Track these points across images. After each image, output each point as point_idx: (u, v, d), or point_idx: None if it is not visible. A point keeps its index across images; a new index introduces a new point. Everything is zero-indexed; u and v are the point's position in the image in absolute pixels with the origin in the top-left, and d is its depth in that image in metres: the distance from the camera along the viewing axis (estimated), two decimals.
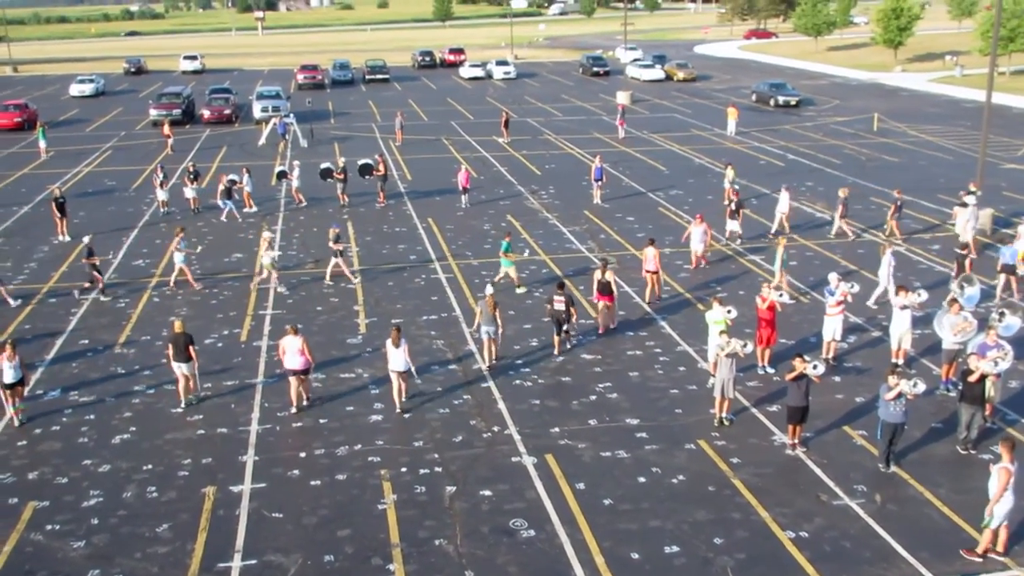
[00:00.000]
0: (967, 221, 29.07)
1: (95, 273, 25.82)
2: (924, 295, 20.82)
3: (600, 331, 22.78)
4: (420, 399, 19.19)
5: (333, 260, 26.72)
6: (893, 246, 25.31)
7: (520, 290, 25.36)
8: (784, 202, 30.77)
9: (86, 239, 26.19)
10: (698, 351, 21.34)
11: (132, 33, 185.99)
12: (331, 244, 26.70)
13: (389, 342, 18.56)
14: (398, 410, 18.66)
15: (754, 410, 18.65)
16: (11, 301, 24.90)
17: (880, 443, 16.28)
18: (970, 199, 29.58)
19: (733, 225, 29.89)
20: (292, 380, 18.77)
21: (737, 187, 34.17)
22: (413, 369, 18.89)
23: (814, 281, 25.94)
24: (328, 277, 26.75)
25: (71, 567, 13.73)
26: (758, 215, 32.62)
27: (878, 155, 45.76)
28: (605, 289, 22.50)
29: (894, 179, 39.24)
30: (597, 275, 22.80)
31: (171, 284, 26.36)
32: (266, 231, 27.48)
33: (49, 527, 14.76)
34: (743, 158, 44.59)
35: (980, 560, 13.66)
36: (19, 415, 18.45)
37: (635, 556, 13.88)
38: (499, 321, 20.70)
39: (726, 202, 30.91)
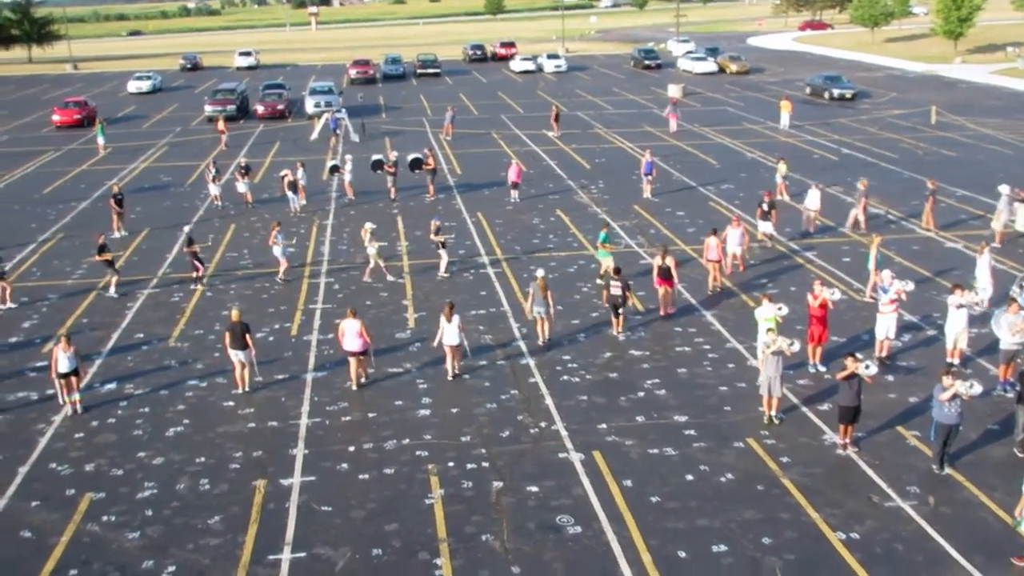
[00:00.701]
0: (999, 212, 28.76)
1: (195, 262, 26.36)
2: (985, 294, 20.43)
3: (661, 312, 23.38)
4: (468, 394, 19.27)
5: (441, 252, 26.88)
6: (990, 245, 24.80)
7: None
8: (814, 199, 30.06)
9: (186, 229, 27.00)
10: (748, 348, 21.12)
11: (135, 33, 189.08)
12: (433, 236, 26.94)
13: (443, 317, 19.55)
14: (450, 378, 19.83)
15: (804, 409, 18.42)
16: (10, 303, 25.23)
17: (934, 444, 15.98)
18: (1003, 188, 29.16)
19: (766, 227, 28.81)
20: (351, 360, 19.54)
21: (788, 182, 33.74)
22: (466, 344, 20.00)
23: (867, 278, 25.48)
24: (443, 270, 26.95)
25: (126, 558, 14.03)
26: (825, 214, 32.08)
27: (935, 149, 44.85)
28: (666, 274, 23.01)
29: (951, 174, 38.46)
30: (657, 260, 23.28)
31: (280, 276, 26.76)
32: (368, 223, 27.77)
33: (105, 518, 15.09)
34: (796, 152, 43.99)
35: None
36: (77, 404, 18.91)
37: (682, 555, 13.80)
38: (550, 301, 21.36)
39: (762, 203, 29.32)
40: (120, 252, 29.09)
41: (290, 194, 34.51)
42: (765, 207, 28.70)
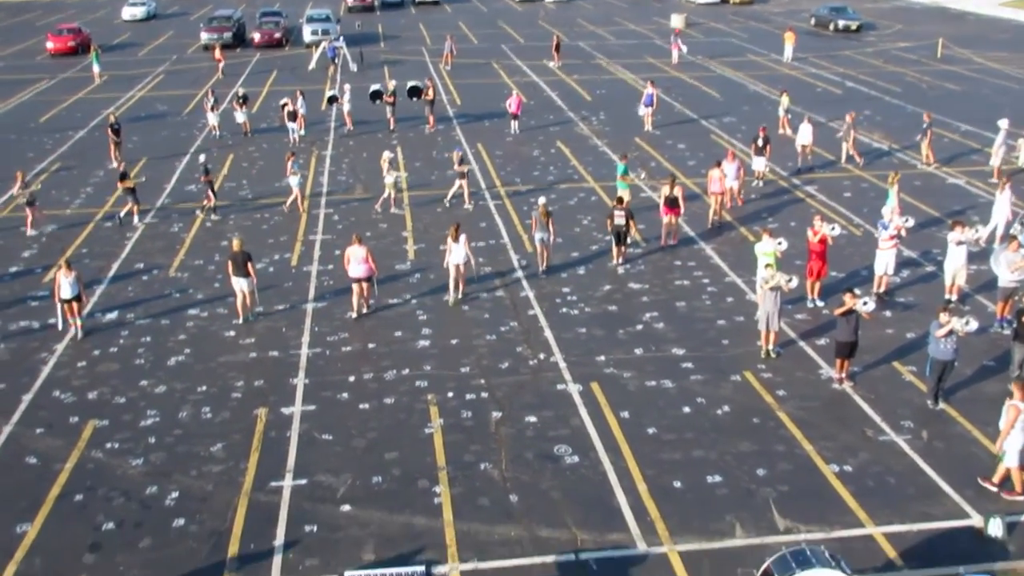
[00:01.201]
0: (996, 147, 28.63)
1: (209, 192, 26.26)
2: (985, 232, 20.44)
3: (662, 243, 23.59)
4: (468, 326, 19.37)
5: (458, 182, 26.83)
6: (1011, 180, 24.70)
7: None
8: (806, 134, 29.78)
9: (202, 158, 26.93)
10: (747, 282, 21.18)
11: None
12: (456, 167, 26.83)
13: (449, 238, 20.14)
14: (451, 303, 20.29)
15: (802, 343, 18.55)
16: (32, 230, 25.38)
17: (929, 380, 16.14)
18: (1003, 123, 29.01)
19: (759, 163, 28.43)
20: (355, 288, 19.67)
21: (790, 116, 33.49)
22: (473, 262, 20.68)
23: (868, 213, 25.47)
24: (450, 197, 26.99)
25: (130, 484, 14.25)
26: (821, 147, 31.80)
27: (940, 83, 44.39)
28: (673, 203, 23.21)
29: (955, 108, 38.13)
30: (664, 190, 23.46)
31: (285, 206, 26.71)
32: (386, 151, 27.62)
33: (109, 445, 15.29)
34: (799, 85, 43.53)
35: (995, 490, 13.76)
36: (79, 329, 19.16)
37: (677, 485, 14.03)
38: (551, 229, 21.58)
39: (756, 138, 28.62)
40: (141, 179, 29.07)
41: (289, 124, 34.22)
42: (760, 142, 28.25)
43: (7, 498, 13.93)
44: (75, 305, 19.14)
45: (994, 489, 13.77)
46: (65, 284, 18.91)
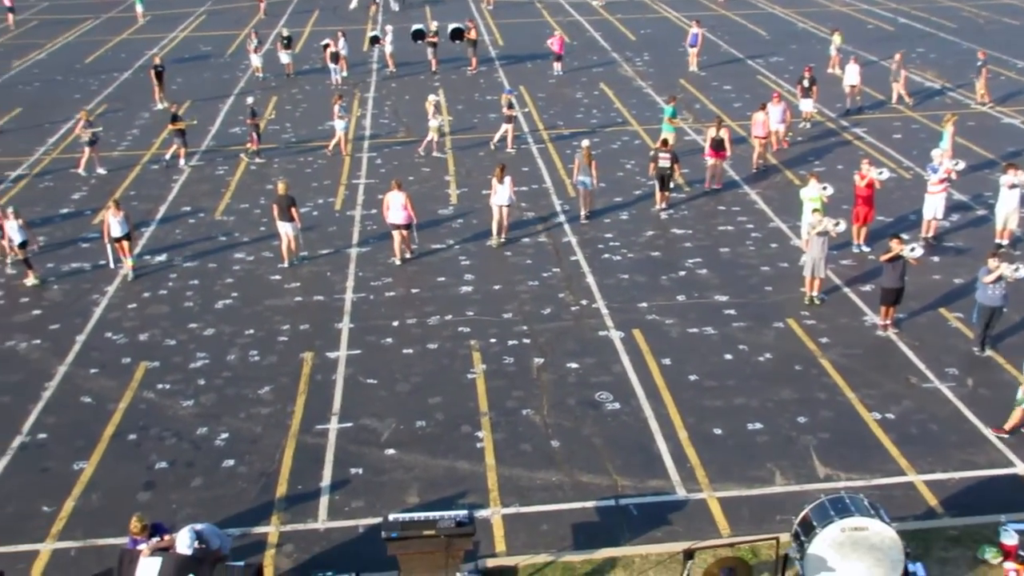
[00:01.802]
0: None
1: (254, 134, 26.45)
2: None
3: (705, 186, 23.41)
4: (510, 271, 19.44)
5: (504, 126, 26.74)
6: None
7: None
8: (853, 74, 29.10)
9: (250, 100, 27.11)
10: (791, 227, 20.96)
11: None
12: (505, 110, 26.70)
13: (494, 179, 20.22)
14: (495, 245, 20.43)
15: (846, 289, 18.38)
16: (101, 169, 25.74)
17: (976, 326, 15.96)
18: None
19: (806, 104, 27.92)
20: (395, 234, 19.70)
21: (842, 55, 32.74)
22: (516, 202, 20.94)
23: (918, 155, 24.96)
24: (496, 141, 26.96)
25: (181, 424, 14.63)
26: (870, 87, 31.02)
27: (997, 17, 43.00)
28: (719, 146, 22.92)
29: (1014, 45, 36.96)
30: (711, 132, 23.15)
31: (328, 149, 26.85)
32: (432, 95, 27.58)
33: (160, 386, 15.68)
34: (850, 22, 42.42)
35: (1007, 436, 13.65)
36: (129, 269, 19.60)
37: (718, 432, 14.10)
38: (594, 172, 21.35)
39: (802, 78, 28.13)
40: (193, 121, 29.31)
41: (331, 65, 34.15)
42: (806, 83, 27.74)
43: (64, 437, 14.39)
44: (125, 244, 19.55)
45: (1006, 436, 13.64)
46: (114, 223, 19.33)
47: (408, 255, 20.07)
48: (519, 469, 13.37)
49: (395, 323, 17.54)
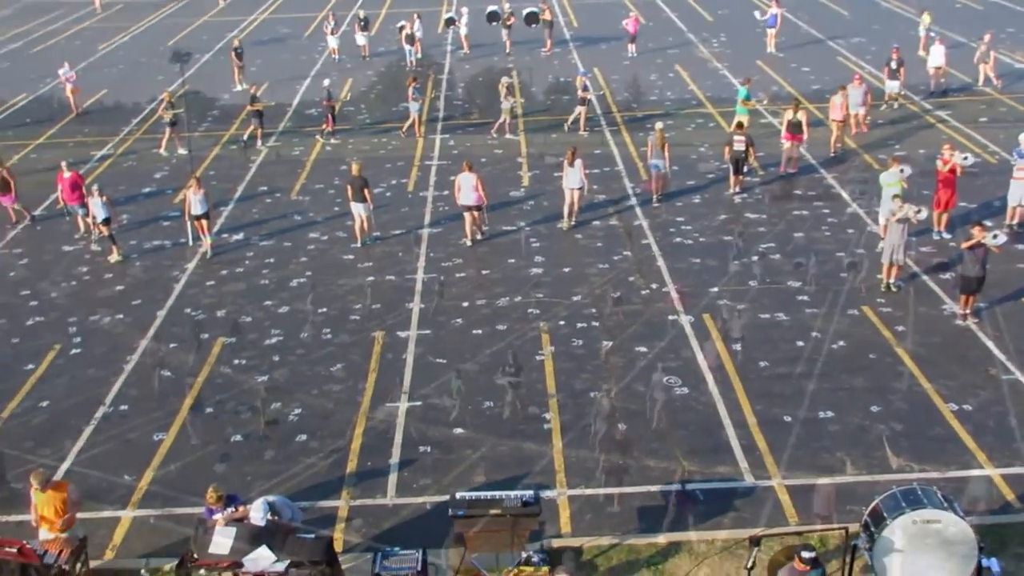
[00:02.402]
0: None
1: (329, 116, 26.88)
2: None
3: (780, 170, 23.01)
4: (581, 254, 19.42)
5: (578, 108, 26.78)
6: None
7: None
8: (937, 56, 28.24)
9: (326, 82, 27.60)
10: (868, 213, 20.52)
11: None
12: (580, 92, 26.73)
13: (564, 162, 20.14)
14: (566, 228, 20.36)
15: (925, 277, 17.95)
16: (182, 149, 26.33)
17: None
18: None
19: (892, 86, 27.26)
20: (466, 215, 19.81)
21: (934, 34, 31.82)
22: (586, 185, 20.66)
23: (1005, 140, 24.19)
24: (570, 123, 27.01)
25: (256, 398, 14.99)
26: (956, 69, 30.10)
27: None
28: (795, 129, 22.54)
29: None
30: (788, 114, 22.82)
31: (403, 131, 27.15)
32: (505, 77, 27.76)
33: (236, 361, 16.07)
34: (938, 2, 41.12)
35: None
36: (208, 247, 20.08)
37: (787, 419, 13.93)
38: (667, 155, 21.20)
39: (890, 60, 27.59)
40: (271, 103, 29.84)
41: (406, 47, 34.38)
42: (893, 65, 27.15)
43: (145, 408, 14.86)
44: (204, 222, 20.03)
45: None
46: (195, 201, 19.79)
47: (479, 236, 20.18)
48: (585, 451, 13.41)
49: (465, 304, 17.67)
